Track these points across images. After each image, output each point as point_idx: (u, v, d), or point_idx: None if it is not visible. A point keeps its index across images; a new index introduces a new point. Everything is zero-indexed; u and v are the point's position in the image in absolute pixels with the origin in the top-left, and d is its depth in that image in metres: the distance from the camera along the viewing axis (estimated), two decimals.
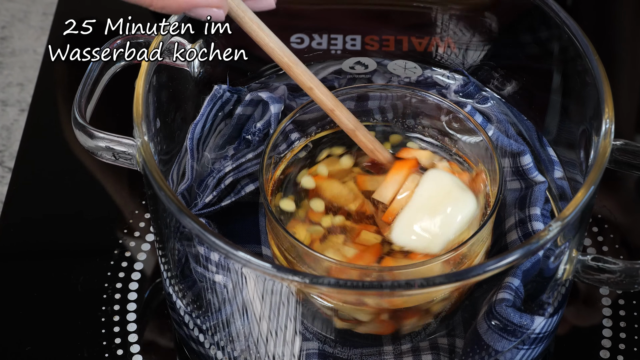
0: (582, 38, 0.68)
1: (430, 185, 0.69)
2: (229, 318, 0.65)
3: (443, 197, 0.68)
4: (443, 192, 0.68)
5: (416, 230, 0.67)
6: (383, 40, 0.84)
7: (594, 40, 0.69)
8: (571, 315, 0.75)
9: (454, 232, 0.67)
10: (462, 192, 0.68)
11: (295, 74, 0.69)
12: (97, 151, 0.67)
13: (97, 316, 0.75)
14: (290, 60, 0.68)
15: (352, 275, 0.64)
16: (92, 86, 0.69)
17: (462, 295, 0.67)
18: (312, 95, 0.69)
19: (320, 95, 0.69)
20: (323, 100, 0.70)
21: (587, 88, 0.68)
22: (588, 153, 0.66)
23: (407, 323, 0.67)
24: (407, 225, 0.67)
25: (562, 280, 0.65)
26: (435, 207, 0.67)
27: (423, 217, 0.67)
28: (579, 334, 0.75)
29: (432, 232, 0.66)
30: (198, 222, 0.59)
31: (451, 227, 0.66)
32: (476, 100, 0.79)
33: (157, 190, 0.61)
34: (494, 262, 0.58)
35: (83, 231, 0.81)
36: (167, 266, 0.68)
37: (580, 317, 0.76)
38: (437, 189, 0.68)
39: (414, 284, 0.56)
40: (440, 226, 0.66)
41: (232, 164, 0.74)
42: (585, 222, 0.65)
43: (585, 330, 0.75)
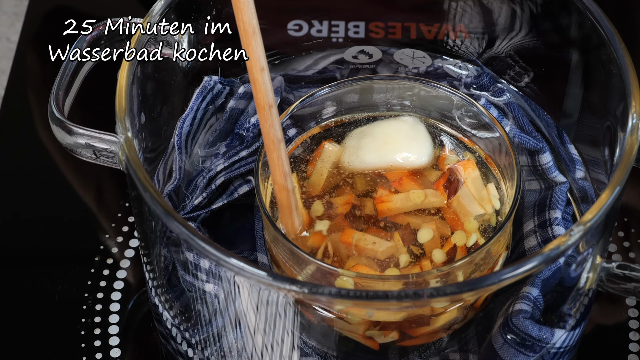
0: (607, 24, 0.68)
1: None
2: (220, 331, 0.65)
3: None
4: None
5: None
6: (389, 27, 0.84)
7: (618, 27, 0.68)
8: (595, 314, 0.75)
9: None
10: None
11: (251, 45, 0.63)
12: (76, 148, 0.67)
13: (76, 329, 0.75)
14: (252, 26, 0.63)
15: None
16: (70, 77, 0.69)
17: (476, 306, 0.67)
18: (261, 78, 0.63)
19: (267, 81, 0.64)
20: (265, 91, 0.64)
21: (612, 79, 0.67)
22: (613, 151, 0.66)
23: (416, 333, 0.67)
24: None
25: (585, 290, 0.65)
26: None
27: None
28: (603, 335, 0.75)
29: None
30: (186, 226, 0.59)
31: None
32: (491, 92, 0.79)
33: (142, 191, 0.61)
34: (511, 270, 0.57)
35: (61, 236, 0.81)
36: (152, 274, 0.68)
37: (604, 316, 0.76)
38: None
39: (423, 294, 0.56)
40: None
41: (223, 162, 0.74)
42: (610, 227, 0.64)
43: (611, 329, 0.75)
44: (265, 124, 0.64)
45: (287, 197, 0.67)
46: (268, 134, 0.64)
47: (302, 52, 0.83)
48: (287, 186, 0.66)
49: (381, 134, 0.74)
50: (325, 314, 0.66)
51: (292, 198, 0.67)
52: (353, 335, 0.67)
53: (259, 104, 0.63)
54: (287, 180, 0.66)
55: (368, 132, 0.74)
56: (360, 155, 0.73)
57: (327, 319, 0.66)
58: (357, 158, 0.73)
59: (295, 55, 0.83)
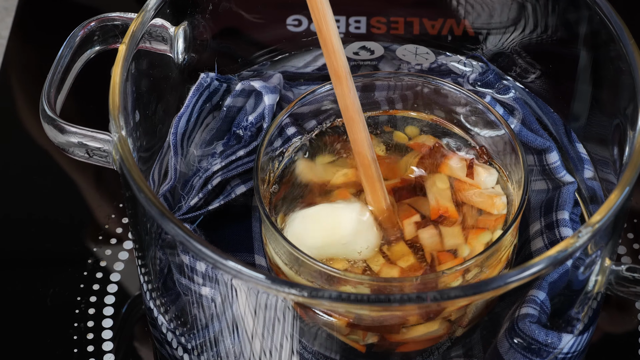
0: (616, 20, 0.68)
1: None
2: (217, 336, 0.65)
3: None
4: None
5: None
6: (391, 22, 0.84)
7: (628, 23, 0.68)
8: (603, 322, 0.75)
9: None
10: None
11: (326, 13, 0.63)
12: (69, 147, 0.67)
13: (68, 334, 0.75)
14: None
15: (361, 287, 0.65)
16: (62, 74, 0.69)
17: (481, 310, 0.67)
18: (334, 45, 0.64)
19: (340, 49, 0.64)
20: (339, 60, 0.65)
21: (621, 76, 0.67)
22: (622, 150, 0.66)
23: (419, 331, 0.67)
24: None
25: (593, 293, 0.65)
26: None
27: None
28: (612, 342, 0.75)
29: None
30: (182, 228, 0.59)
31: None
32: (496, 90, 0.79)
33: (136, 191, 0.61)
34: (517, 272, 0.57)
35: (52, 237, 0.81)
36: (147, 277, 0.68)
37: (613, 323, 0.76)
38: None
39: (426, 298, 0.56)
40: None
41: (220, 162, 0.74)
42: (619, 228, 0.64)
43: (619, 338, 0.75)
44: (343, 95, 0.65)
45: (375, 169, 0.68)
46: (347, 106, 0.66)
47: (301, 48, 0.83)
48: (371, 157, 0.67)
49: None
50: (324, 317, 0.66)
51: (377, 170, 0.68)
52: (338, 335, 0.67)
53: (334, 74, 0.65)
54: (370, 152, 0.67)
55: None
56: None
57: (320, 322, 0.66)
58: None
59: (295, 52, 0.83)
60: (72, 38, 0.70)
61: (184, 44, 0.74)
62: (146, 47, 0.71)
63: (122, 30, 0.71)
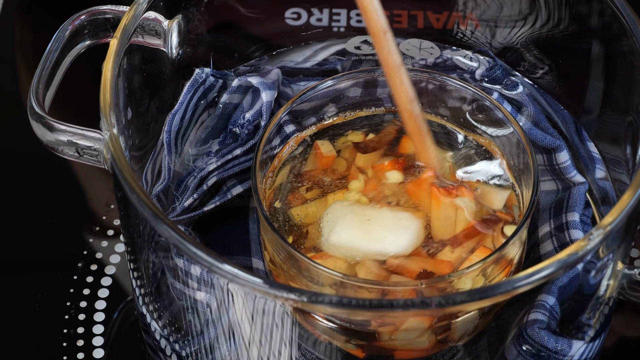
0: (629, 13, 0.68)
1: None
2: (212, 343, 0.65)
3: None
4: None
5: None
6: (394, 15, 0.84)
7: None
8: (618, 325, 0.75)
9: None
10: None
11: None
12: (58, 146, 0.67)
13: (58, 340, 0.75)
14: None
15: (362, 292, 0.65)
16: (51, 70, 0.69)
17: (488, 315, 0.67)
18: (373, 5, 0.67)
19: (379, 7, 0.67)
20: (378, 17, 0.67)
21: (633, 72, 0.68)
22: (635, 149, 0.66)
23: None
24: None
25: (605, 298, 0.65)
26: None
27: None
28: (627, 347, 0.75)
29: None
30: (176, 230, 0.59)
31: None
32: (504, 86, 0.79)
33: (128, 192, 0.61)
34: (525, 276, 0.57)
35: (41, 240, 0.81)
36: (140, 282, 0.68)
37: (628, 327, 0.76)
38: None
39: (431, 303, 0.56)
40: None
41: (216, 161, 0.75)
42: (632, 230, 0.65)
43: (634, 342, 0.75)
44: (382, 50, 0.67)
45: (418, 124, 0.69)
46: (387, 61, 0.67)
47: (300, 42, 0.83)
48: (415, 112, 0.68)
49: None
50: (324, 323, 0.66)
51: (422, 125, 0.69)
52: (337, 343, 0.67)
53: (372, 31, 0.66)
54: (414, 106, 0.68)
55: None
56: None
57: (320, 329, 0.66)
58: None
59: (294, 46, 0.83)
60: (61, 32, 0.70)
61: (178, 38, 0.74)
62: (139, 42, 0.71)
63: (113, 23, 0.71)
